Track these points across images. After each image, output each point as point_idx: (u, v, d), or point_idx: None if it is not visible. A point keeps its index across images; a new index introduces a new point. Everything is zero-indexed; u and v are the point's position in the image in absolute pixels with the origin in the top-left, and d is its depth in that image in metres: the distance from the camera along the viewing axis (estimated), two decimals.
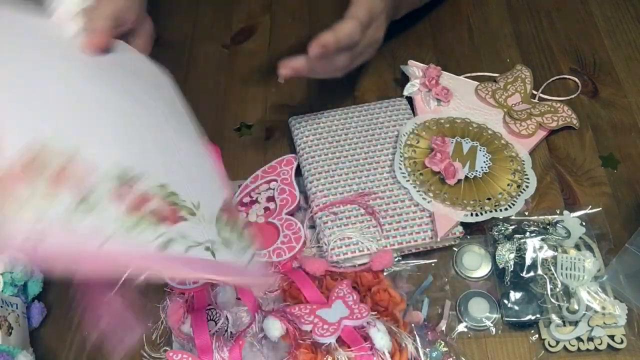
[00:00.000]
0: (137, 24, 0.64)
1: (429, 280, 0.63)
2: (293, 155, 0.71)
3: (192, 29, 0.89)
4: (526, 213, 0.66)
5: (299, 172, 0.70)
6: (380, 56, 0.83)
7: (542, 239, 0.62)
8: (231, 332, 0.59)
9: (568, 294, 0.60)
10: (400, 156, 0.68)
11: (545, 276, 0.60)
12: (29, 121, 0.45)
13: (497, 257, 0.62)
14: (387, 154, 0.70)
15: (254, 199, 0.68)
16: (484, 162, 0.68)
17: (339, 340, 0.55)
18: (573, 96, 0.77)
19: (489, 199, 0.65)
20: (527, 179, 0.67)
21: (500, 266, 0.62)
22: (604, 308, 0.59)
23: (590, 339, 0.58)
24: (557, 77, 0.79)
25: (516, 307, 0.60)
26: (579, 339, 0.58)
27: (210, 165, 0.57)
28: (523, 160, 0.69)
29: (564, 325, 0.59)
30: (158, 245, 0.44)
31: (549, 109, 0.74)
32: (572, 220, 0.64)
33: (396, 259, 0.63)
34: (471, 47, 0.83)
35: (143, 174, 0.46)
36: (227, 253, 0.49)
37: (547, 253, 0.62)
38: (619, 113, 0.75)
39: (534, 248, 0.62)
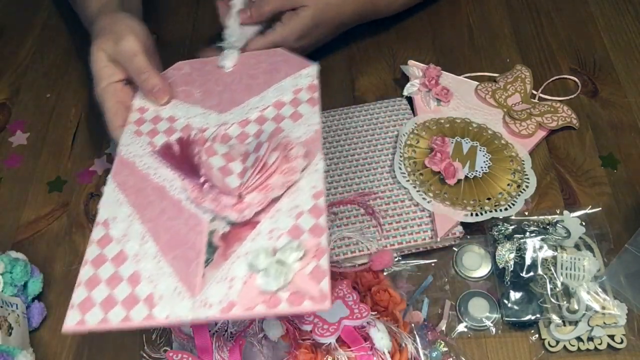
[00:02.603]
0: None
1: (429, 280, 0.63)
2: None
3: (192, 29, 0.89)
4: (526, 213, 0.66)
5: None
6: (380, 56, 0.83)
7: (542, 239, 0.62)
8: (231, 332, 0.59)
9: (568, 294, 0.60)
10: (400, 156, 0.68)
11: (545, 276, 0.60)
12: None
13: (497, 257, 0.62)
14: (387, 154, 0.70)
15: None
16: (484, 162, 0.68)
17: (339, 340, 0.55)
18: (573, 96, 0.77)
19: (488, 198, 0.65)
20: (527, 179, 0.67)
21: (500, 266, 0.62)
22: (604, 308, 0.59)
23: (590, 339, 0.58)
24: (557, 77, 0.79)
25: (516, 307, 0.60)
26: (579, 338, 0.58)
27: None
28: (523, 160, 0.69)
29: (564, 325, 0.59)
30: None
31: (548, 109, 0.74)
32: (572, 220, 0.64)
33: (396, 259, 0.63)
34: (471, 47, 0.83)
35: None
36: None
37: (547, 253, 0.62)
38: (619, 113, 0.75)
39: (534, 248, 0.62)
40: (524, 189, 0.66)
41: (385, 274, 0.62)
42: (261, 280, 0.48)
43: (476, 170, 0.67)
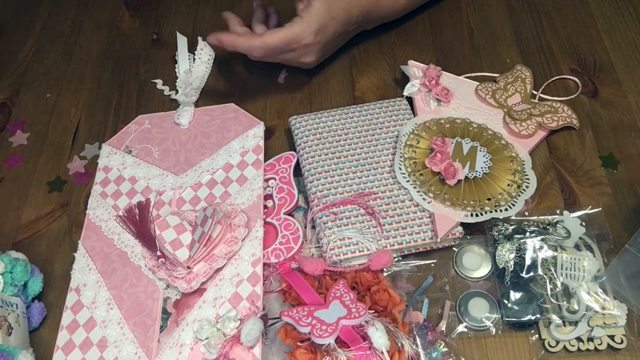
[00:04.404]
0: None
1: (429, 280, 0.63)
2: (292, 152, 0.71)
3: (192, 29, 0.89)
4: (526, 213, 0.66)
5: (298, 171, 0.70)
6: (380, 56, 0.83)
7: (542, 239, 0.62)
8: None
9: (568, 294, 0.60)
10: (401, 156, 0.68)
11: (545, 276, 0.60)
12: None
13: (497, 257, 0.62)
14: (387, 154, 0.70)
15: None
16: (484, 162, 0.68)
17: (338, 339, 0.55)
18: (573, 96, 0.77)
19: (489, 199, 0.65)
20: (527, 179, 0.67)
21: (500, 266, 0.62)
22: (604, 308, 0.59)
23: (590, 339, 0.58)
24: (557, 77, 0.79)
25: (516, 307, 0.60)
26: (579, 339, 0.58)
27: None
28: (523, 161, 0.69)
29: (564, 326, 0.59)
30: None
31: (549, 109, 0.74)
32: (572, 220, 0.64)
33: (396, 259, 0.63)
34: (471, 47, 0.83)
35: None
36: None
37: (547, 253, 0.62)
38: (619, 113, 0.75)
39: (534, 248, 0.62)
40: (524, 189, 0.66)
41: (385, 274, 0.62)
42: (203, 349, 0.56)
43: (476, 171, 0.67)
